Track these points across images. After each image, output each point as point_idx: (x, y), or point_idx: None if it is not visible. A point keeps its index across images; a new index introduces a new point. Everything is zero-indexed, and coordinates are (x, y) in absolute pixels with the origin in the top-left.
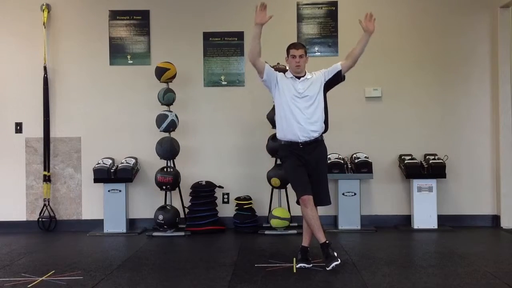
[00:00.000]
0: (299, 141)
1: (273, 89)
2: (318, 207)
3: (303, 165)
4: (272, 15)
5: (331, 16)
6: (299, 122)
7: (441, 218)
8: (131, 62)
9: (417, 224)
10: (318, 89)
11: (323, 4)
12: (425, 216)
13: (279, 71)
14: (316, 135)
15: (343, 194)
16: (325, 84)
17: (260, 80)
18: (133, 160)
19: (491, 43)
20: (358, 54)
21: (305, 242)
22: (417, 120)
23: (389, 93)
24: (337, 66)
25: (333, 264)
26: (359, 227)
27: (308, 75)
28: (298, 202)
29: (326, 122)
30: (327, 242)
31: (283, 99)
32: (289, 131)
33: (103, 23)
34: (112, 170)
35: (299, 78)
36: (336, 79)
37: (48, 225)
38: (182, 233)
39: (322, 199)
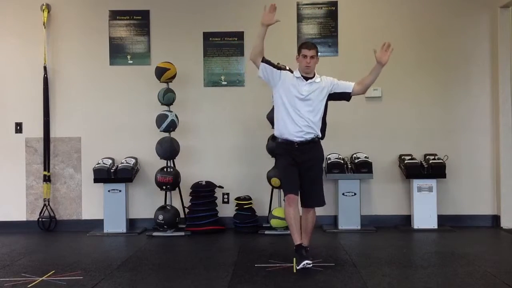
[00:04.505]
0: (295, 140)
1: (274, 85)
2: (317, 208)
3: (296, 165)
4: (279, 20)
5: (331, 16)
6: (297, 124)
7: (441, 218)
8: (131, 62)
9: (417, 224)
10: (322, 97)
11: (323, 4)
12: (425, 216)
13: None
14: (312, 136)
15: (343, 194)
16: (329, 94)
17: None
18: (133, 160)
19: (491, 43)
20: (369, 84)
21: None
22: (417, 120)
23: (389, 93)
24: (348, 86)
25: (304, 263)
26: (359, 227)
27: (317, 79)
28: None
29: (323, 131)
30: (302, 244)
31: (284, 99)
32: (286, 131)
33: (103, 23)
34: (112, 170)
35: (307, 79)
36: (342, 97)
37: (48, 225)
38: (182, 233)
39: (315, 200)
